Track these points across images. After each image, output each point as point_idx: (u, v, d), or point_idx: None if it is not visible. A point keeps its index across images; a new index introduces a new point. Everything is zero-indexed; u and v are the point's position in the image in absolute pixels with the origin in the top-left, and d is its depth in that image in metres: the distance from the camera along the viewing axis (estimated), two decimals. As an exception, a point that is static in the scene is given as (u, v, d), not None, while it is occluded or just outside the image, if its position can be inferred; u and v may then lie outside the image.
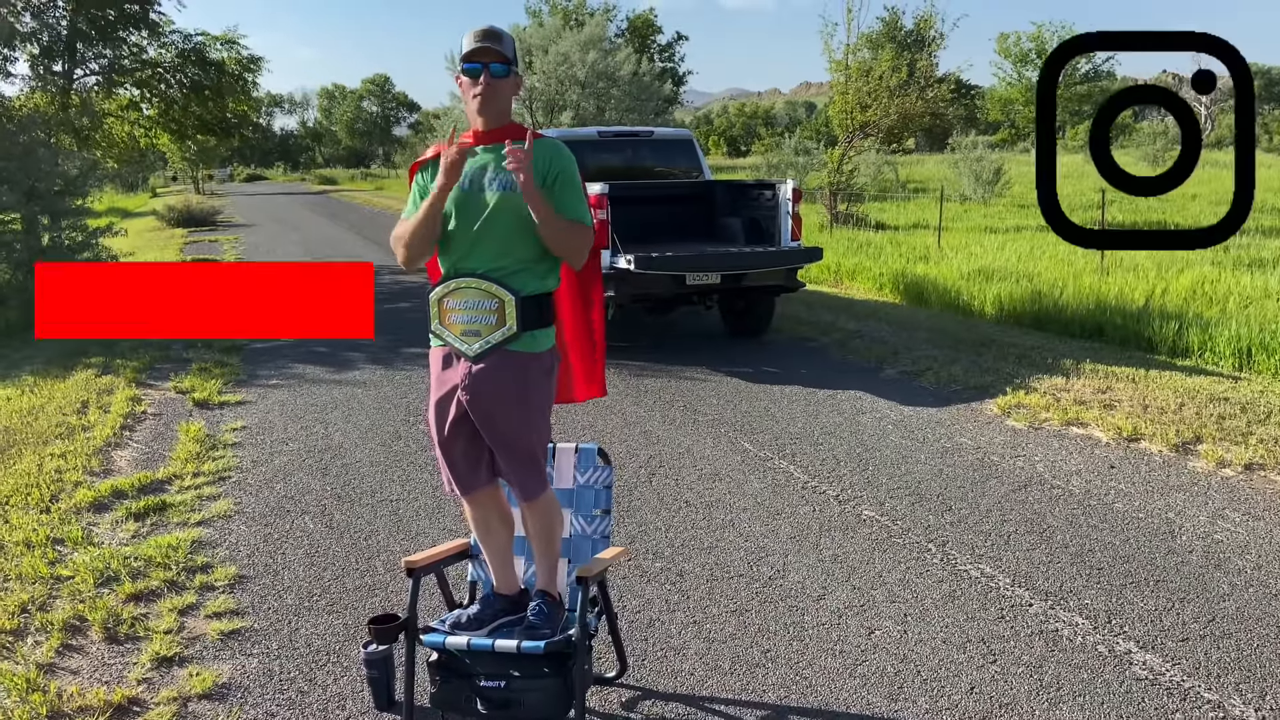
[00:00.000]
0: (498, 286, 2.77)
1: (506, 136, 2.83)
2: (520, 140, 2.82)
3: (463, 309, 2.80)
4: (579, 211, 2.88)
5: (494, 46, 2.80)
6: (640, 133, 10.10)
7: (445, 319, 2.84)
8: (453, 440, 2.91)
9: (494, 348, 2.79)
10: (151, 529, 4.87)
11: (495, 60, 2.80)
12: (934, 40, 21.54)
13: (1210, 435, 5.73)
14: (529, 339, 2.82)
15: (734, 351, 8.65)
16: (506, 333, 2.78)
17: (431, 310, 2.89)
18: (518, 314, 2.77)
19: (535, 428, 2.90)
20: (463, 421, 2.88)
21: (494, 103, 2.83)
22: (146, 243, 20.48)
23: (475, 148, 2.87)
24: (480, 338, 2.79)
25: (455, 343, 2.83)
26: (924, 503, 4.94)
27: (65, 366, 8.54)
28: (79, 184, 12.85)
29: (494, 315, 2.78)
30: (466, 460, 2.95)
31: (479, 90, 2.81)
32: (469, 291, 2.79)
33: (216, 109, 16.14)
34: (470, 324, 2.80)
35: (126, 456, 6.07)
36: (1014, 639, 3.58)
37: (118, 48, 14.86)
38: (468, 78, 2.83)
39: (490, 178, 2.82)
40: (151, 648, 3.66)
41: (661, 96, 32.16)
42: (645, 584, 4.10)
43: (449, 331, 2.84)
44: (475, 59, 2.80)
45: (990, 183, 25.86)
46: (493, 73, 2.81)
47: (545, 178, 2.81)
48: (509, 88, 2.87)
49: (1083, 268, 12.61)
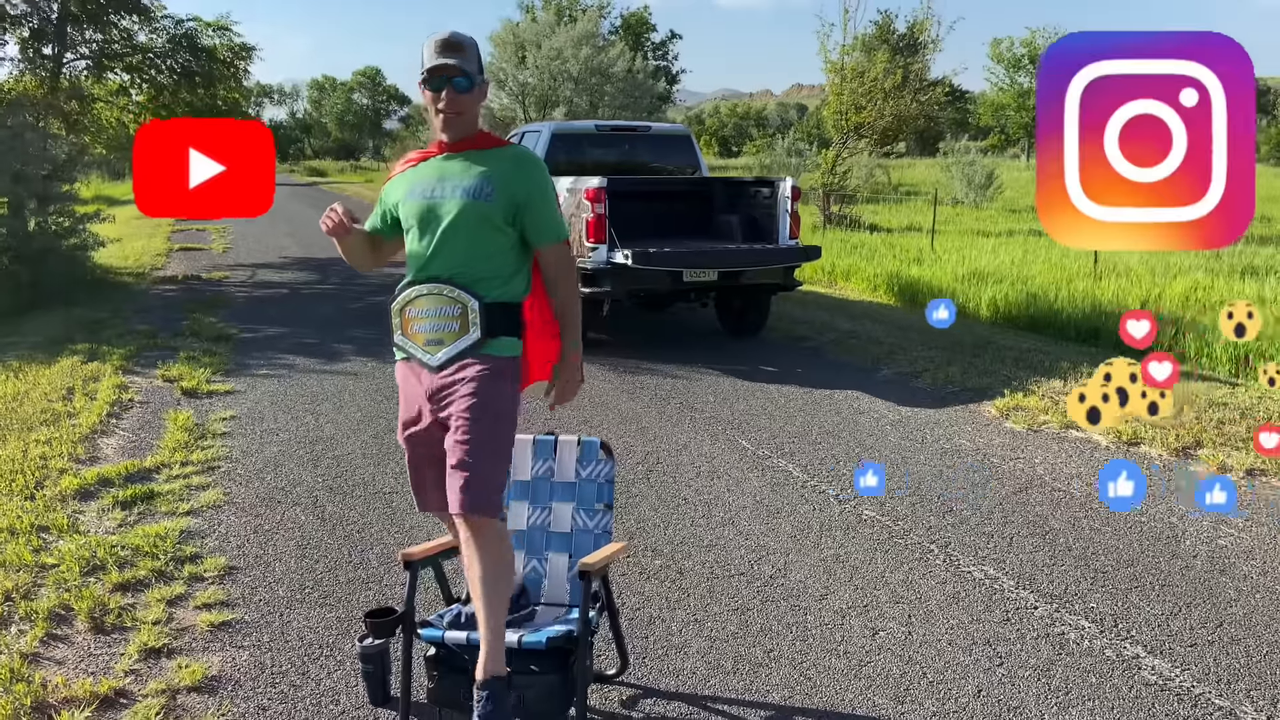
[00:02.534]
0: (460, 291, 2.67)
1: (473, 145, 2.78)
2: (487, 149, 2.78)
3: (425, 317, 2.70)
4: (556, 229, 2.81)
5: (456, 61, 2.67)
6: (638, 127, 10.02)
7: (408, 329, 2.75)
8: (424, 462, 2.83)
9: (458, 355, 2.68)
10: (139, 518, 4.77)
11: (458, 75, 2.68)
12: (928, 45, 21.54)
13: (1210, 440, 5.70)
14: (493, 345, 2.70)
15: (730, 350, 8.59)
16: (470, 339, 2.67)
17: (394, 321, 2.78)
18: (482, 320, 2.66)
19: (494, 434, 2.71)
20: (432, 441, 2.78)
21: (458, 118, 2.73)
22: (134, 230, 20.22)
23: (439, 156, 2.80)
24: (444, 346, 2.69)
25: (418, 353, 2.73)
26: (924, 504, 4.89)
27: (51, 353, 8.40)
28: (67, 169, 12.69)
29: (456, 322, 2.67)
30: (430, 481, 2.86)
31: (442, 106, 2.70)
32: (430, 299, 2.69)
33: (206, 96, 15.96)
34: (433, 332, 2.69)
35: (113, 444, 5.96)
36: (1020, 642, 3.53)
37: (108, 32, 14.67)
38: (430, 91, 2.71)
39: (453, 185, 2.72)
40: (139, 638, 3.57)
41: (655, 94, 32.13)
42: (645, 581, 4.03)
43: (411, 342, 2.75)
44: (437, 73, 2.68)
45: (982, 187, 25.95)
46: (456, 88, 2.69)
47: (514, 198, 2.72)
48: (474, 100, 2.75)
49: (1076, 272, 12.63)
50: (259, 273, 14.30)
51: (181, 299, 11.77)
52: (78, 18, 14.16)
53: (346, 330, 9.56)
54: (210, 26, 15.86)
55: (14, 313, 10.78)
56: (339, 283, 13.31)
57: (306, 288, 13.01)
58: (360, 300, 11.66)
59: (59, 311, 10.65)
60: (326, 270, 14.61)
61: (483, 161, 2.74)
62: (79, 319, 10.10)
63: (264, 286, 13.00)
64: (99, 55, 14.95)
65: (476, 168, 2.72)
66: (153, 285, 13.05)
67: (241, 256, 16.22)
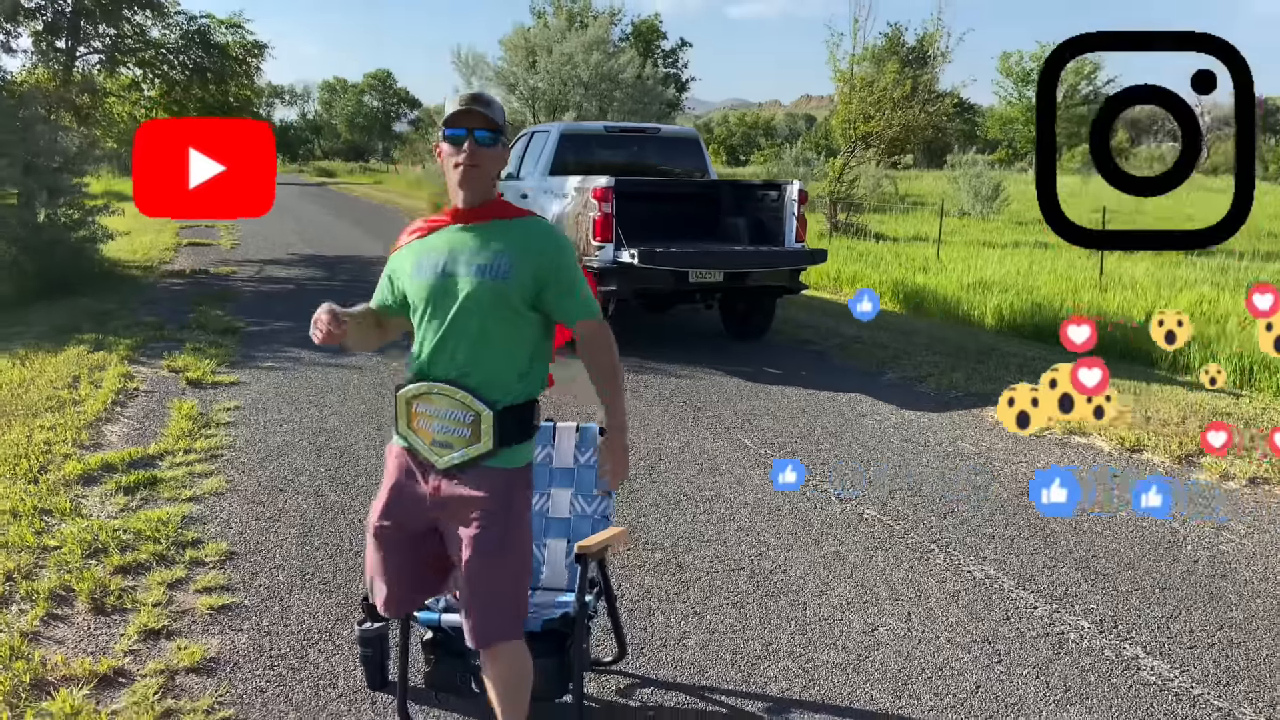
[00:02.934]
0: (471, 397, 2.40)
1: (489, 215, 2.48)
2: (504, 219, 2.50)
3: (434, 416, 2.45)
4: (588, 307, 2.55)
5: (481, 110, 2.42)
6: (646, 129, 10.06)
7: (414, 423, 2.48)
8: (400, 558, 2.55)
9: (467, 463, 2.44)
10: (141, 503, 4.78)
11: (482, 126, 2.42)
12: (937, 58, 21.55)
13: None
14: (507, 454, 2.45)
15: (733, 352, 8.59)
16: (478, 450, 2.42)
17: (399, 408, 2.50)
18: (495, 430, 2.41)
19: (510, 560, 2.47)
20: (421, 540, 2.53)
21: (477, 176, 2.44)
22: (142, 225, 20.26)
23: (452, 226, 2.50)
24: (450, 450, 2.44)
25: (424, 451, 2.47)
26: (926, 504, 4.88)
27: (57, 342, 8.43)
28: (77, 161, 12.74)
29: (468, 429, 2.42)
30: (411, 581, 2.60)
31: (461, 159, 2.41)
32: (440, 399, 2.43)
33: (218, 93, 16.04)
34: (442, 434, 2.44)
35: (117, 431, 5.98)
36: (1019, 640, 3.52)
37: (121, 26, 14.75)
38: (449, 145, 2.43)
39: (466, 261, 2.43)
40: (139, 620, 3.58)
41: (664, 101, 32.16)
42: (644, 574, 4.03)
43: (417, 437, 2.48)
44: (459, 123, 2.41)
45: (989, 199, 25.93)
46: (478, 140, 2.41)
47: (535, 274, 2.44)
48: (495, 160, 2.48)
49: (1081, 283, 12.62)
50: (266, 268, 14.34)
51: (189, 292, 11.80)
52: (91, 12, 14.24)
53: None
54: (223, 24, 15.96)
55: (21, 303, 10.82)
56: (347, 280, 13.34)
57: (313, 284, 13.04)
58: (368, 297, 11.67)
59: (66, 302, 10.69)
60: (334, 268, 14.66)
61: (499, 234, 2.46)
62: (86, 309, 10.13)
63: (271, 282, 13.03)
64: (112, 50, 15.03)
65: (492, 241, 2.44)
66: (160, 279, 13.09)
67: (249, 253, 16.26)
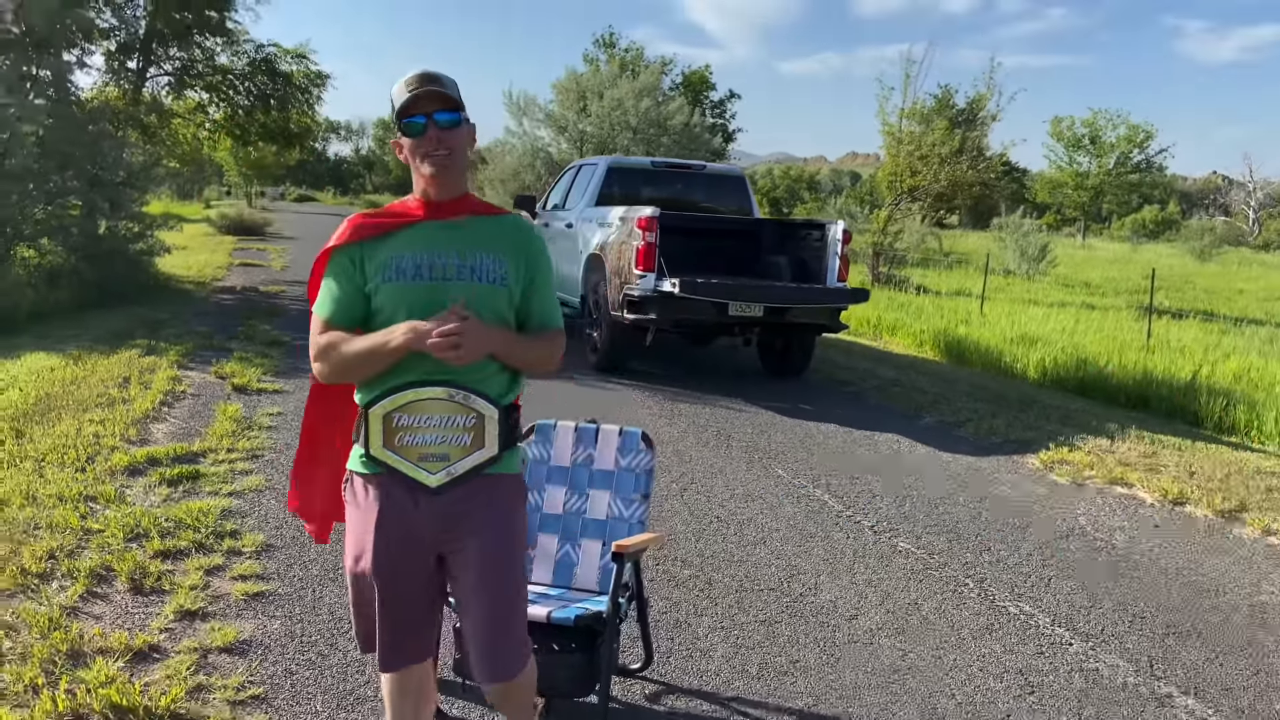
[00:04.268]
0: (476, 397, 2.12)
1: (466, 210, 2.20)
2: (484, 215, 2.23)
3: (425, 427, 2.11)
4: (555, 312, 2.29)
5: (436, 90, 2.09)
6: (693, 166, 10.18)
7: (395, 440, 2.12)
8: (397, 600, 2.18)
9: (465, 475, 2.14)
10: (184, 495, 4.87)
11: (441, 108, 2.10)
12: (986, 121, 21.56)
13: (1257, 505, 5.58)
14: (507, 459, 2.21)
15: (770, 388, 8.59)
16: (483, 456, 2.14)
17: (372, 429, 2.13)
18: (500, 431, 2.14)
19: (519, 574, 2.26)
20: (414, 577, 2.19)
21: (451, 164, 2.14)
22: (199, 245, 20.83)
23: (425, 222, 2.18)
24: (448, 463, 2.13)
25: (409, 470, 2.13)
26: (961, 541, 4.84)
27: (111, 345, 8.64)
28: (141, 176, 13.14)
29: (469, 434, 2.12)
30: (409, 626, 2.23)
31: (429, 149, 2.11)
32: (435, 404, 2.11)
33: (280, 118, 16.48)
34: (436, 445, 2.12)
35: (164, 429, 6.10)
36: (1053, 674, 3.47)
37: (191, 51, 15.26)
38: (409, 137, 2.12)
39: (456, 262, 2.14)
40: (176, 601, 3.64)
41: (710, 149, 32.48)
42: (673, 588, 4.03)
43: (399, 456, 2.13)
44: (415, 109, 2.10)
45: (1035, 259, 25.79)
46: (440, 124, 2.10)
47: (525, 279, 2.21)
48: (463, 140, 2.16)
49: (1128, 343, 12.49)
50: (314, 290, 14.60)
51: (239, 307, 12.05)
52: (164, 35, 14.76)
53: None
54: (289, 53, 16.44)
55: (79, 310, 11.11)
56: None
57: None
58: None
59: (122, 310, 10.97)
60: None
61: (485, 233, 2.19)
62: (140, 318, 10.39)
63: (318, 302, 13.26)
64: (181, 72, 15.54)
65: (480, 241, 2.17)
66: (212, 294, 13.39)
67: (299, 274, 16.57)
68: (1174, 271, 31.82)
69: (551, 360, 2.27)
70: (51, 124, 11.86)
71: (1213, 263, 41.46)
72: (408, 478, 2.13)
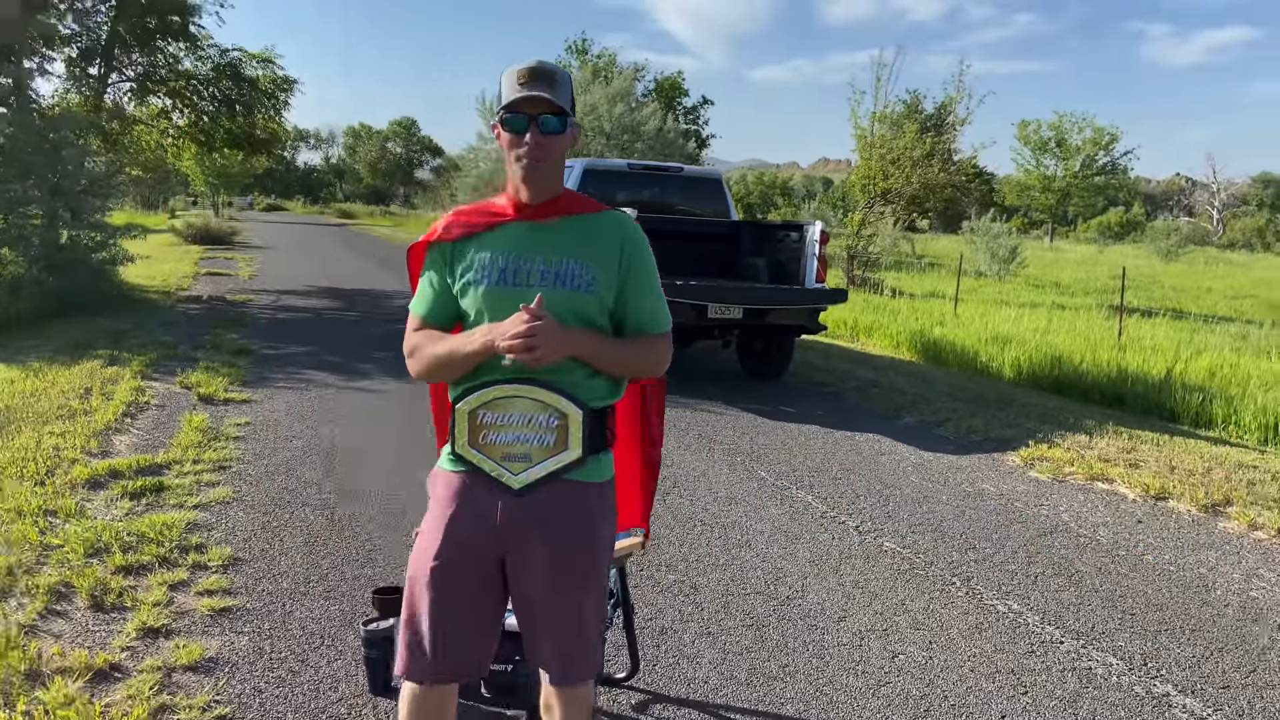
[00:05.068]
0: (559, 396, 2.03)
1: (559, 210, 2.10)
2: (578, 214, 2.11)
3: (508, 425, 2.05)
4: (657, 316, 2.14)
5: (545, 94, 2.01)
6: (670, 168, 10.09)
7: (479, 438, 2.06)
8: (462, 605, 2.08)
9: (549, 476, 2.05)
10: (146, 508, 4.70)
11: (548, 111, 2.02)
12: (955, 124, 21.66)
13: (1240, 499, 5.56)
14: (593, 465, 2.08)
15: (750, 390, 8.51)
16: (567, 458, 2.05)
17: (457, 425, 2.08)
18: (584, 433, 2.04)
19: (600, 584, 2.14)
20: (482, 584, 2.09)
21: (543, 168, 2.05)
22: (164, 254, 20.50)
23: (515, 223, 2.10)
24: (529, 464, 2.04)
25: (491, 469, 2.06)
26: (946, 540, 4.77)
27: (72, 356, 8.42)
28: (104, 185, 12.88)
29: (552, 434, 2.04)
30: (462, 635, 2.10)
31: (524, 152, 2.03)
32: (519, 402, 2.04)
33: (246, 124, 16.24)
34: (518, 444, 2.05)
35: (126, 441, 5.92)
36: (1045, 673, 3.39)
37: (154, 56, 15.00)
38: (509, 132, 2.04)
39: (540, 268, 2.06)
40: (138, 618, 3.49)
41: (684, 154, 32.46)
42: (658, 594, 3.92)
43: (483, 454, 2.06)
44: (520, 109, 2.02)
45: (1006, 260, 25.97)
46: (543, 128, 2.02)
47: (620, 284, 2.09)
48: (563, 146, 2.07)
49: (1100, 341, 12.54)
50: (283, 298, 14.38)
51: (205, 316, 11.83)
52: (126, 41, 14.49)
53: (369, 353, 9.55)
54: (254, 58, 16.19)
55: (40, 320, 10.85)
56: (363, 311, 13.37)
57: (330, 313, 13.07)
58: (384, 327, 11.69)
59: (84, 321, 10.72)
60: (352, 300, 14.70)
61: (576, 234, 2.09)
62: (102, 328, 10.15)
63: (287, 310, 13.06)
64: (143, 78, 15.26)
65: (569, 244, 2.07)
66: (178, 303, 13.14)
67: (267, 283, 16.35)
68: (1141, 271, 32.18)
69: (654, 366, 2.15)
70: (11, 132, 11.60)
71: (1179, 262, 42.01)
72: (490, 477, 2.06)
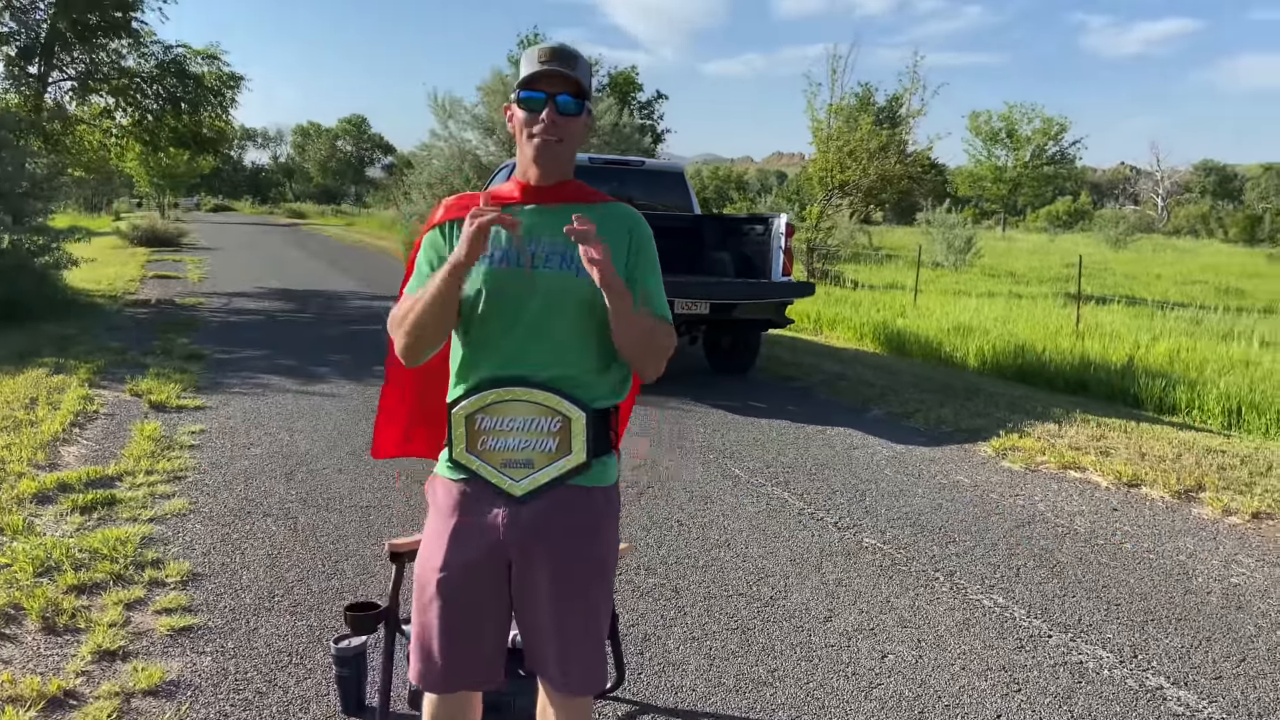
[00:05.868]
0: (561, 399, 1.95)
1: (566, 197, 2.02)
2: (586, 204, 2.03)
3: (508, 430, 1.97)
4: (663, 306, 2.08)
5: (565, 71, 1.95)
6: (631, 162, 9.96)
7: (478, 443, 1.98)
8: (466, 616, 2.01)
9: (552, 482, 1.98)
10: (98, 523, 4.49)
11: (566, 91, 1.96)
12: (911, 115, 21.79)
13: (1212, 484, 5.58)
14: (599, 469, 2.00)
15: (718, 386, 8.42)
16: (570, 463, 1.96)
17: (455, 431, 2.00)
18: (587, 436, 1.96)
19: (607, 592, 2.09)
20: (492, 589, 2.01)
21: (557, 149, 1.99)
22: (109, 257, 19.92)
23: (521, 206, 2.03)
24: (531, 470, 1.97)
25: (492, 477, 1.98)
26: (926, 534, 4.71)
27: (16, 365, 8.10)
28: (45, 187, 12.45)
29: (554, 439, 1.96)
30: (473, 644, 2.03)
31: (539, 130, 1.96)
32: (519, 406, 1.96)
33: (191, 123, 15.82)
34: (520, 450, 1.97)
35: (75, 452, 5.68)
36: (1037, 669, 3.33)
37: (96, 54, 14.54)
38: (525, 110, 1.97)
39: (544, 250, 1.98)
40: (93, 640, 3.30)
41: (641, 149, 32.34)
42: (638, 599, 3.81)
43: (482, 461, 1.98)
44: (539, 86, 1.96)
45: (962, 251, 26.20)
46: (560, 108, 1.95)
47: (626, 263, 2.01)
48: (579, 130, 2.01)
49: (1059, 329, 12.64)
50: (234, 300, 14.03)
51: (154, 320, 11.48)
52: (67, 38, 14.03)
53: (326, 355, 9.31)
54: (199, 54, 15.78)
55: (-19, 327, 10.45)
56: (317, 313, 13.08)
57: (284, 315, 12.76)
58: (340, 328, 11.44)
59: (28, 327, 10.33)
60: (305, 301, 14.38)
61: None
62: (48, 335, 9.79)
63: (240, 313, 12.73)
64: (85, 76, 14.79)
65: None
66: (125, 307, 12.75)
67: (218, 285, 15.95)
68: (1092, 259, 32.64)
69: (662, 350, 2.01)
70: (-54, 133, 11.16)
71: (1128, 250, 42.75)
72: (491, 485, 1.98)
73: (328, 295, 15.22)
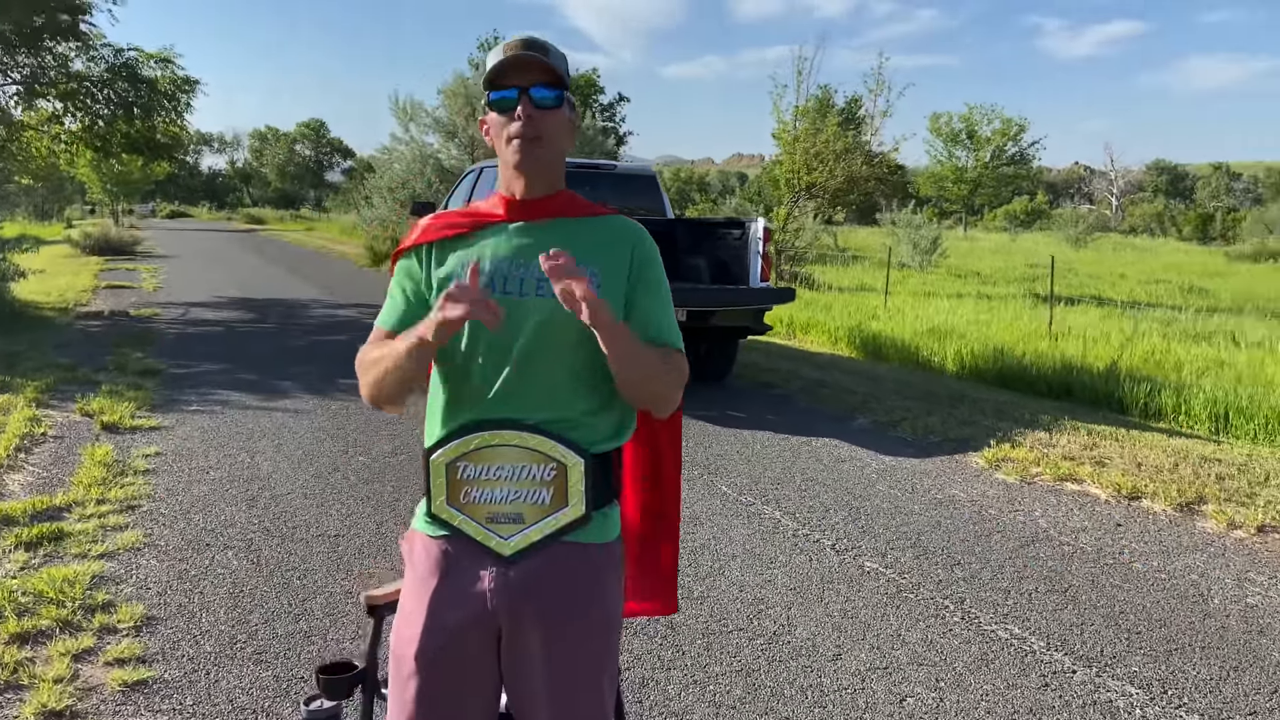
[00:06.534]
0: (556, 444, 1.68)
1: (556, 210, 1.76)
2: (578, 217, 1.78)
3: (495, 480, 1.70)
4: (673, 330, 1.79)
5: (537, 55, 1.69)
6: (601, 166, 9.71)
7: (460, 495, 1.71)
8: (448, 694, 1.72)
9: (546, 540, 1.70)
10: (44, 560, 4.15)
11: (541, 82, 1.69)
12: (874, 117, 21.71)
13: (1214, 496, 5.43)
14: (599, 522, 1.73)
15: (695, 394, 8.17)
16: (566, 517, 1.69)
17: (433, 480, 1.73)
18: (586, 486, 1.68)
19: (610, 663, 1.78)
20: (476, 666, 1.72)
21: (538, 151, 1.71)
22: (60, 267, 19.28)
23: (506, 224, 1.76)
24: (522, 525, 1.69)
25: (477, 533, 1.71)
26: (928, 556, 4.49)
27: (-44, 383, 7.66)
28: (-11, 194, 11.94)
29: (548, 489, 1.69)
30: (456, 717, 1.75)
31: (515, 130, 1.68)
32: (507, 451, 1.69)
33: (145, 128, 15.29)
34: (509, 503, 1.70)
35: (20, 480, 5.31)
36: (1066, 711, 3.12)
37: (42, 57, 13.98)
38: (499, 113, 1.71)
39: (534, 275, 1.70)
40: (37, 698, 2.98)
41: (604, 151, 32.10)
42: (632, 636, 3.55)
43: (465, 515, 1.72)
44: (508, 80, 1.69)
45: (928, 251, 26.23)
46: (536, 101, 1.68)
47: (628, 295, 1.76)
48: (561, 126, 1.73)
49: (1032, 331, 12.56)
50: (192, 311, 13.56)
51: (107, 334, 11.01)
52: (11, 41, 13.47)
53: (287, 368, 8.94)
54: (152, 58, 15.26)
55: (-81, 343, 9.94)
56: (278, 323, 12.66)
57: (243, 326, 12.33)
58: (302, 339, 11.05)
59: (-30, 342, 9.86)
60: (266, 310, 13.95)
61: (578, 237, 1.74)
62: (-9, 350, 9.33)
63: (197, 324, 12.29)
64: (31, 80, 14.24)
65: (570, 248, 1.61)
66: (76, 320, 12.25)
67: (174, 295, 15.45)
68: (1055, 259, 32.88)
69: (673, 384, 1.73)
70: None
71: (1088, 249, 43.16)
72: (476, 542, 1.71)
73: (289, 304, 14.79)
